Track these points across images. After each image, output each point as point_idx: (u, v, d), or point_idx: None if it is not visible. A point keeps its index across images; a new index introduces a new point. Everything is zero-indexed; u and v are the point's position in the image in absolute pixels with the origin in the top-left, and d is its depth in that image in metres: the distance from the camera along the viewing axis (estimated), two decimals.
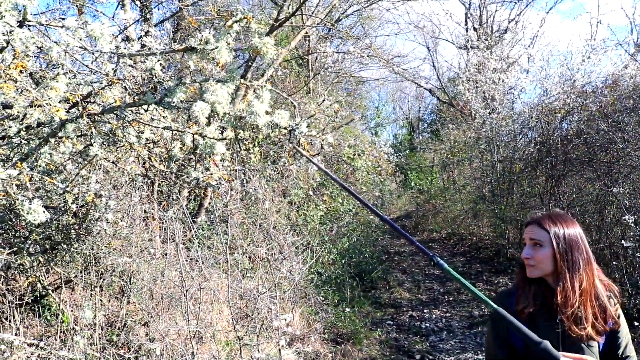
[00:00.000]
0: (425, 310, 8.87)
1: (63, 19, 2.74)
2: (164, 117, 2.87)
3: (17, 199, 2.67)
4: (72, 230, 3.63)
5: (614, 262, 7.42)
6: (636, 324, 6.22)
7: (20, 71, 2.80)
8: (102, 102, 2.86)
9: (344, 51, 13.11)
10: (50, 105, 2.68)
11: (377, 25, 16.32)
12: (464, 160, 15.99)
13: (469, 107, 14.23)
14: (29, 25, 2.70)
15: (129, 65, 2.90)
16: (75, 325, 4.24)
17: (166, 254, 4.85)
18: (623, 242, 6.60)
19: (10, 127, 2.86)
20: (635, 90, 7.87)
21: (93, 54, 2.98)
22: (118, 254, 4.28)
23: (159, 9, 11.05)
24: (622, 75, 8.58)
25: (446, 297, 9.63)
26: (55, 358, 3.37)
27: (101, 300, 4.85)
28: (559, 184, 9.30)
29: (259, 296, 4.09)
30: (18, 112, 2.74)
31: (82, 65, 3.06)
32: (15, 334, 3.92)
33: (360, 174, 12.56)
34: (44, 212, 2.61)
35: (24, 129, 2.65)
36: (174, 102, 2.70)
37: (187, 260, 5.00)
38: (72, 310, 4.35)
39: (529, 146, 11.05)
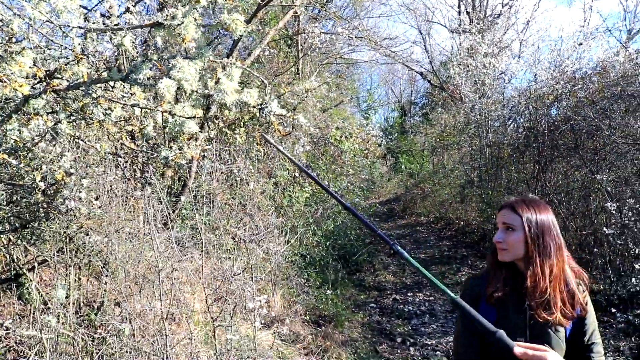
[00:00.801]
0: (409, 294, 8.88)
1: None
2: (132, 94, 2.79)
3: None
4: (41, 209, 3.56)
5: (597, 249, 7.42)
6: (614, 310, 6.25)
7: None
8: (69, 78, 2.78)
9: (332, 32, 12.97)
10: (12, 80, 2.60)
11: (368, 7, 16.18)
12: (453, 144, 15.94)
13: (459, 91, 14.14)
14: None
15: (98, 41, 2.81)
16: (48, 305, 4.18)
17: (145, 234, 4.78)
18: (605, 229, 6.60)
19: None
20: (623, 78, 7.81)
21: (61, 28, 2.89)
22: (94, 233, 4.22)
23: None
24: (612, 63, 8.51)
25: None
26: (21, 338, 3.32)
27: (79, 279, 4.79)
28: (545, 170, 9.28)
29: (232, 277, 4.05)
30: None
31: (50, 40, 2.97)
32: None
33: (347, 156, 12.48)
34: None
35: None
36: (140, 79, 2.62)
37: (168, 240, 4.95)
38: (45, 291, 4.29)
39: (517, 132, 11.01)
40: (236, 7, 2.67)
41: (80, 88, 2.65)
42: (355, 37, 12.42)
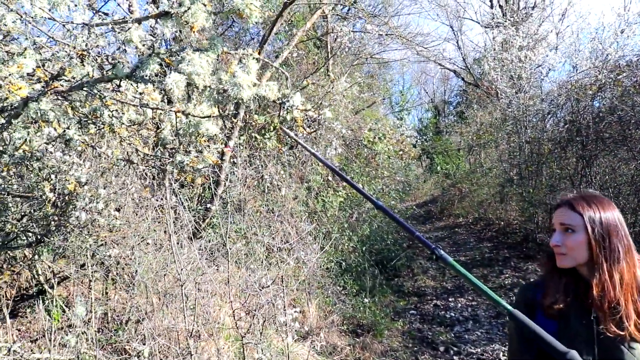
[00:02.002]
0: (450, 299, 8.49)
1: None
2: (141, 94, 2.55)
3: None
4: (52, 222, 3.36)
5: None
6: None
7: None
8: (72, 78, 2.55)
9: (360, 30, 12.66)
10: (10, 83, 2.38)
11: (397, 5, 15.83)
12: (490, 142, 15.46)
13: (495, 87, 13.67)
14: None
15: (102, 37, 2.58)
16: (65, 322, 4.00)
17: (170, 246, 4.55)
18: None
19: None
20: None
21: (64, 25, 2.67)
22: (115, 246, 4.01)
23: None
24: None
25: None
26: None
27: (106, 294, 4.60)
28: (590, 165, 8.80)
29: (261, 289, 3.78)
30: None
31: (51, 39, 2.75)
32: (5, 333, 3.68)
33: (382, 157, 12.15)
34: None
35: None
36: (146, 76, 2.37)
37: (198, 250, 4.73)
38: (66, 307, 4.10)
39: (558, 126, 10.53)
40: None
41: (84, 88, 2.42)
42: (386, 34, 12.08)
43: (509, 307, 1.70)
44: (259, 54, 7.86)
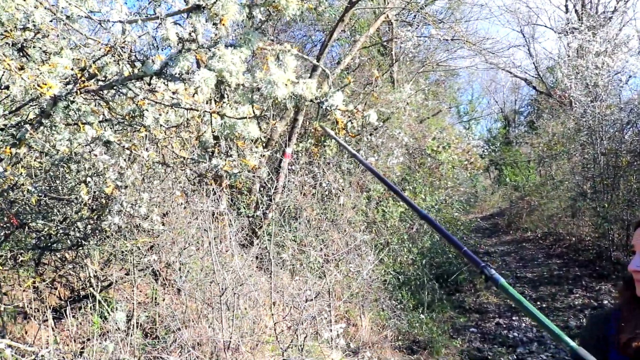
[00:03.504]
0: (514, 318, 8.04)
1: None
2: (173, 92, 2.43)
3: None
4: (88, 226, 3.30)
5: None
6: None
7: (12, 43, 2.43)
8: (105, 77, 2.46)
9: (425, 35, 12.34)
10: (41, 82, 2.30)
11: (466, 11, 15.36)
12: (562, 153, 14.72)
13: (568, 96, 13.00)
14: None
15: (135, 33, 2.47)
16: (118, 326, 3.93)
17: (218, 253, 4.44)
18: None
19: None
20: None
21: (101, 24, 2.59)
22: (158, 251, 3.94)
23: None
24: None
25: (538, 303, 8.70)
26: None
27: (154, 299, 4.54)
28: None
29: (305, 302, 3.59)
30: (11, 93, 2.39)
31: (85, 37, 2.67)
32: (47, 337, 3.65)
33: (445, 167, 11.76)
34: None
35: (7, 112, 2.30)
36: (177, 73, 2.24)
37: (247, 260, 4.61)
38: (112, 311, 4.04)
39: (638, 136, 9.84)
40: None
41: (114, 87, 2.31)
42: (452, 39, 11.69)
43: (573, 344, 1.40)
44: (318, 60, 7.73)
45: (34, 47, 2.36)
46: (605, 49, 11.60)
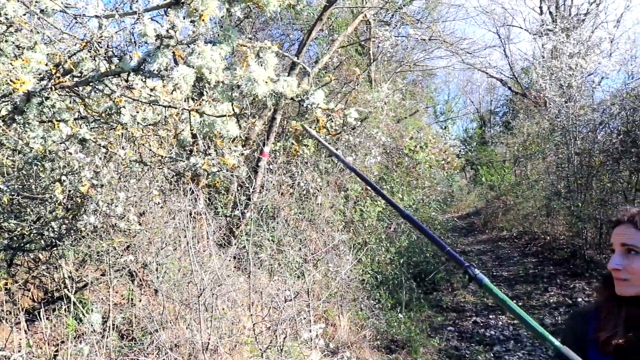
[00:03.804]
0: (490, 316, 8.09)
1: None
2: (151, 89, 2.38)
3: None
4: (63, 226, 3.24)
5: None
6: None
7: None
8: (80, 73, 2.40)
9: (403, 35, 12.38)
10: (13, 77, 2.23)
11: (444, 11, 15.48)
12: (537, 153, 14.91)
13: (543, 96, 13.16)
14: None
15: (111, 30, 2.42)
16: (93, 329, 3.86)
17: (195, 253, 4.39)
18: None
19: None
20: None
21: (76, 18, 2.53)
22: (138, 252, 3.88)
23: None
24: None
25: (515, 301, 8.70)
26: None
27: (130, 300, 4.47)
28: None
29: (285, 302, 3.56)
30: None
31: (61, 31, 2.60)
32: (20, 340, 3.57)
33: (423, 167, 11.81)
34: None
35: None
36: (155, 70, 2.19)
37: (224, 259, 4.56)
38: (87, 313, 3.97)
39: (610, 137, 9.99)
40: None
41: (90, 83, 2.25)
42: (429, 38, 11.75)
43: (557, 342, 1.40)
44: (297, 58, 7.70)
45: (6, 41, 2.29)
46: (578, 50, 11.77)
